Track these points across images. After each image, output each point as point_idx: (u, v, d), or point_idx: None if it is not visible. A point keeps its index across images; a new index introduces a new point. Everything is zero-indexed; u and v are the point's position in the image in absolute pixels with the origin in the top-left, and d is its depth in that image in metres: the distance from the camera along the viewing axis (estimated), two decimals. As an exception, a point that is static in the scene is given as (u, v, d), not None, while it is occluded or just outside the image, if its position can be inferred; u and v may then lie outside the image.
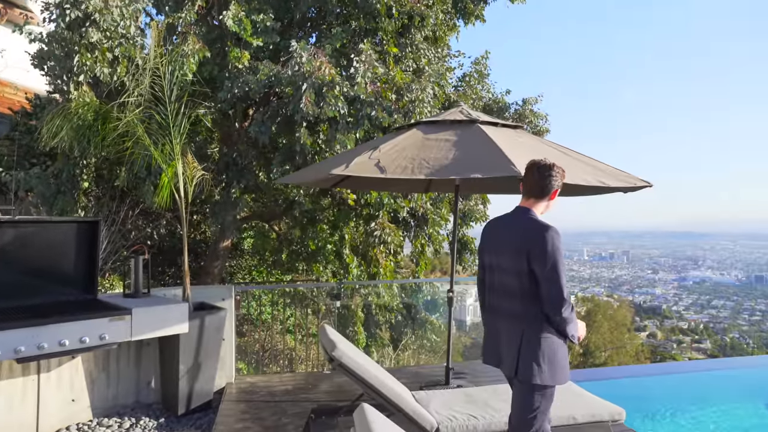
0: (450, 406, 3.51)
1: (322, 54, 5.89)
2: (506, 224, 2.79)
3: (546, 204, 2.73)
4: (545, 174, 2.70)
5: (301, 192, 6.89)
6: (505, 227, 2.79)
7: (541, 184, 2.69)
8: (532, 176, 2.74)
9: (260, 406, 4.55)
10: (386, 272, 7.23)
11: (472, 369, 5.84)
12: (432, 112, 6.41)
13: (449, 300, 4.78)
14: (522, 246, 2.59)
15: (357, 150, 4.13)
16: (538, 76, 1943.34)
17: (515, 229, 2.70)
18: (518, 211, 2.75)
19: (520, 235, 2.65)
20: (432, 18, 7.03)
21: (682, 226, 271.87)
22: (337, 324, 8.58)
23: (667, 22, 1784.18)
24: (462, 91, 8.95)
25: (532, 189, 2.72)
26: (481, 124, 4.09)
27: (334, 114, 5.79)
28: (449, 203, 8.01)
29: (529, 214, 2.69)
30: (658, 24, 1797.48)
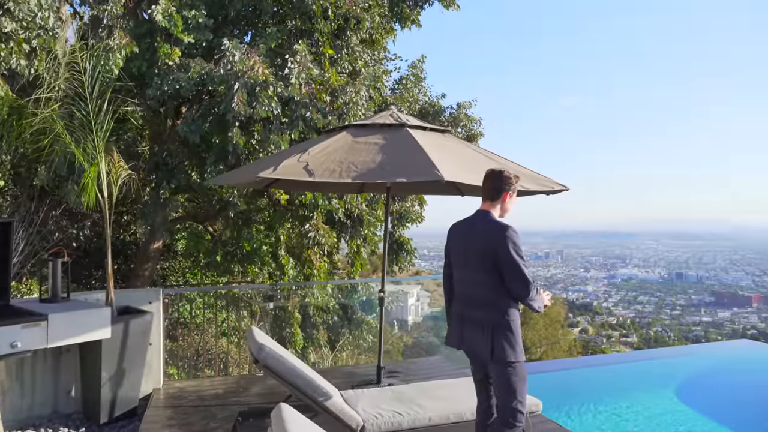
0: (377, 404, 3.58)
1: (255, 53, 5.83)
2: (469, 225, 3.11)
3: (500, 206, 3.07)
4: (497, 180, 3.06)
5: (235, 193, 6.78)
6: (469, 228, 3.10)
7: (493, 189, 3.05)
8: (487, 182, 3.09)
9: (188, 411, 4.46)
10: (320, 273, 7.24)
11: (406, 368, 5.96)
12: (367, 115, 6.48)
13: (380, 300, 4.86)
14: (486, 245, 2.94)
15: (287, 152, 4.13)
16: (474, 81, 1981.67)
17: (478, 230, 3.05)
18: (478, 214, 3.10)
19: (482, 234, 3.00)
20: (368, 21, 7.10)
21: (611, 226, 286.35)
22: (273, 326, 8.50)
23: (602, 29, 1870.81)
24: (399, 94, 9.08)
25: (487, 193, 3.08)
26: (410, 128, 4.19)
27: (267, 114, 5.74)
28: (384, 204, 8.13)
29: (488, 216, 3.04)
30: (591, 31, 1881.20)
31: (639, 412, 5.62)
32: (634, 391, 6.29)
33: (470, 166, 3.88)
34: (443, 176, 3.32)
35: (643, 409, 5.71)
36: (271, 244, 8.09)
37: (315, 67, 6.31)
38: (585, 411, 5.63)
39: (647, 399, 5.99)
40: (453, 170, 3.61)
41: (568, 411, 5.56)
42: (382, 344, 4.96)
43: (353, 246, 8.02)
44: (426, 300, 24.22)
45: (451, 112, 9.47)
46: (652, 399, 5.97)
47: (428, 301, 24.18)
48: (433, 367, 5.98)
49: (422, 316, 17.83)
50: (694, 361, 7.50)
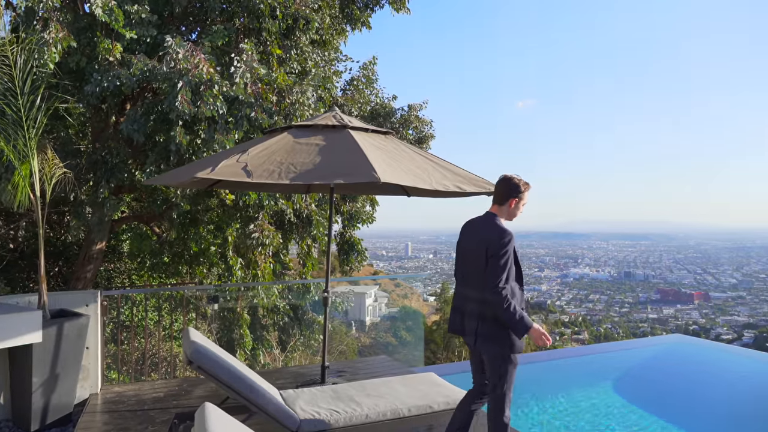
0: (316, 402, 3.61)
1: (199, 51, 5.74)
2: (476, 224, 3.35)
3: (507, 210, 3.26)
4: (505, 186, 3.27)
5: (178, 193, 6.66)
6: (475, 226, 3.35)
7: (501, 193, 3.27)
8: (497, 187, 3.31)
9: (126, 416, 4.36)
10: (265, 274, 7.18)
11: (352, 367, 6.01)
12: (315, 116, 6.48)
13: (324, 300, 4.89)
14: (482, 243, 3.17)
15: (226, 152, 4.11)
16: (427, 83, 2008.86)
17: (481, 229, 3.27)
18: (487, 215, 3.32)
19: (482, 234, 3.23)
20: (317, 22, 7.10)
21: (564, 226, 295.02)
22: (221, 327, 8.38)
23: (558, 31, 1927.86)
24: (350, 95, 9.11)
25: (496, 197, 3.30)
26: (352, 129, 4.24)
27: (212, 113, 5.67)
28: (335, 205, 8.13)
29: (493, 218, 3.25)
30: (547, 34, 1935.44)
31: (578, 404, 5.84)
32: (575, 385, 6.52)
33: (409, 167, 3.96)
34: (380, 178, 3.38)
35: (582, 401, 5.94)
36: (220, 244, 7.98)
37: (262, 67, 6.26)
38: (528, 405, 5.81)
39: (587, 392, 6.23)
40: (391, 172, 3.67)
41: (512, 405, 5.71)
42: (326, 344, 4.98)
43: (304, 246, 8.00)
44: (384, 300, 24.29)
45: (402, 113, 9.57)
46: (592, 392, 6.21)
47: (386, 301, 24.26)
48: (380, 365, 6.04)
49: (380, 317, 17.90)
50: (630, 355, 7.85)
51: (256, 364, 8.34)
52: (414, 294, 20.40)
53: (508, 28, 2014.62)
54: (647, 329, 72.85)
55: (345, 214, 8.95)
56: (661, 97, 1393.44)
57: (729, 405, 5.96)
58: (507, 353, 3.14)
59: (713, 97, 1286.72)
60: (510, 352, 3.14)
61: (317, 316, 8.52)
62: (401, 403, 3.66)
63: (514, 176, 3.28)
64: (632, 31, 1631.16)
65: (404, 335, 9.08)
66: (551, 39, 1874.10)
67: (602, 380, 6.75)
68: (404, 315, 10.70)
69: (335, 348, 11.50)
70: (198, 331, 3.63)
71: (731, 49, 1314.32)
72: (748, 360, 7.64)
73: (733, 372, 7.12)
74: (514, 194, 3.23)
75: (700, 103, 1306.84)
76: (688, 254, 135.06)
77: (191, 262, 8.52)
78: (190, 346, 3.18)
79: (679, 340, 8.39)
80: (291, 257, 9.34)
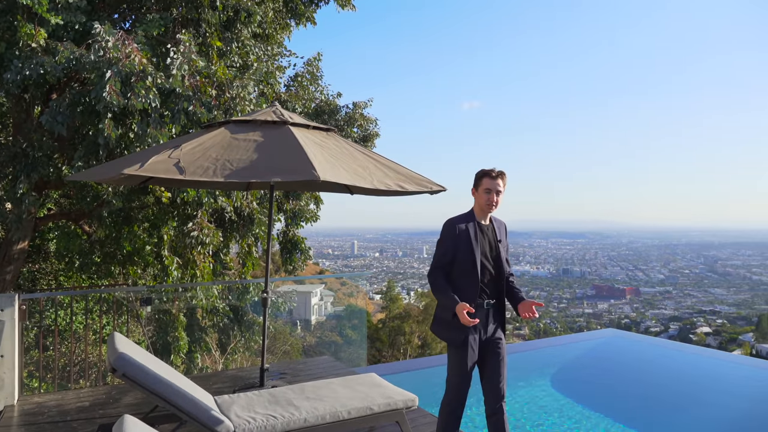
0: (252, 408, 3.48)
1: (132, 40, 5.44)
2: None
3: (475, 200, 3.34)
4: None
5: (110, 190, 6.29)
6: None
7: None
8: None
9: (45, 428, 4.07)
10: (204, 274, 6.92)
11: (294, 368, 5.89)
12: (256, 111, 6.29)
13: (263, 301, 4.75)
14: None
15: (157, 148, 3.90)
16: (372, 82, 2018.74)
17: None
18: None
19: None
20: (260, 15, 6.89)
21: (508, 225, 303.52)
22: (156, 330, 8.02)
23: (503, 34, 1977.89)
24: (294, 92, 8.93)
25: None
26: (292, 126, 4.12)
27: (144, 106, 5.38)
28: (277, 203, 7.96)
29: (471, 209, 3.38)
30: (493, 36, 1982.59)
31: (516, 400, 5.97)
32: (515, 380, 6.67)
33: (351, 166, 3.89)
34: (320, 176, 3.30)
35: (520, 397, 6.08)
36: (155, 243, 7.62)
37: (201, 59, 6.01)
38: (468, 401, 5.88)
39: (525, 388, 6.38)
40: (332, 170, 3.60)
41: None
42: (265, 346, 4.84)
43: (244, 245, 7.76)
44: (330, 299, 24.14)
45: (347, 111, 9.47)
46: (530, 387, 6.37)
47: (332, 300, 24.11)
48: (323, 366, 5.95)
49: (325, 316, 17.74)
50: (568, 350, 8.12)
51: (193, 368, 8.04)
52: (360, 292, 20.39)
53: (455, 30, 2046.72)
54: (583, 324, 76.16)
55: (288, 212, 8.76)
56: (597, 101, 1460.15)
57: (660, 396, 6.26)
58: (446, 339, 3.28)
59: (643, 100, 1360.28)
60: (445, 340, 3.28)
61: (258, 317, 8.30)
62: (341, 405, 3.59)
63: (481, 169, 3.34)
64: (571, 34, 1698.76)
65: (350, 334, 9.03)
66: (495, 42, 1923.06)
67: (542, 375, 6.94)
68: (350, 313, 10.63)
69: (279, 348, 11.28)
70: (124, 336, 3.42)
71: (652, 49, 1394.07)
72: (676, 353, 8.08)
73: (662, 365, 7.49)
74: (474, 184, 3.32)
75: (629, 106, 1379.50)
76: (621, 252, 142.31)
77: (124, 262, 8.10)
78: (114, 353, 2.98)
79: (613, 334, 8.76)
80: (232, 257, 9.07)
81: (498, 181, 3.26)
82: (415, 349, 29.05)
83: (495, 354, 3.31)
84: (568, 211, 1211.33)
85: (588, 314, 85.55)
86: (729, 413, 5.64)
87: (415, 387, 4.04)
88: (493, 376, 3.31)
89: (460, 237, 3.24)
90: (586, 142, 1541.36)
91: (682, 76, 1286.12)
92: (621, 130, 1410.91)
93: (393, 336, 27.83)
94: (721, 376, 6.97)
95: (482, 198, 3.27)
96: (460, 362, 3.25)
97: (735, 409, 5.75)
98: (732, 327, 71.03)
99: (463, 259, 3.23)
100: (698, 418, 5.60)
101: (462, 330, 3.21)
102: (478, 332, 3.26)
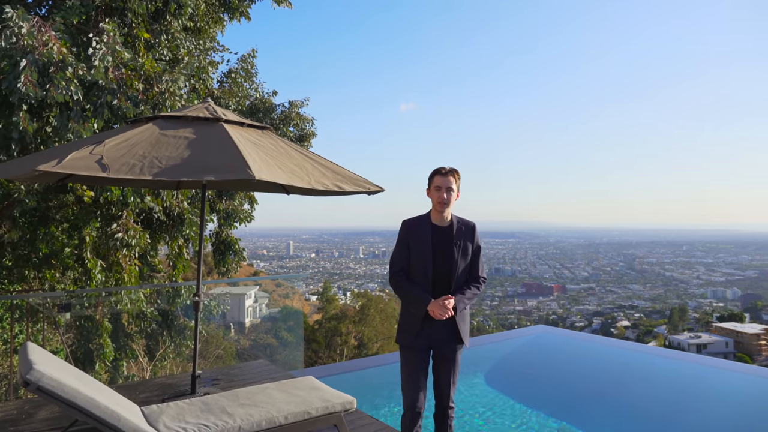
0: (183, 417, 3.32)
1: (49, 27, 5.06)
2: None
3: (431, 200, 3.30)
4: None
5: (22, 188, 5.83)
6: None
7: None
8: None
9: (-54, 449, 3.70)
10: (130, 278, 6.56)
11: (227, 374, 5.69)
12: (187, 107, 6.03)
13: (195, 305, 4.55)
14: None
15: (78, 143, 3.64)
16: (309, 81, 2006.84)
17: None
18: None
19: None
20: (191, 7, 6.62)
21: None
22: (78, 338, 7.52)
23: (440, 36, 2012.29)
24: (227, 88, 8.65)
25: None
26: (226, 123, 3.98)
27: (65, 99, 5.03)
28: (210, 202, 7.68)
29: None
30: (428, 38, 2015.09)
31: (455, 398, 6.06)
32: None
33: (287, 165, 3.80)
34: (255, 175, 3.19)
35: (457, 395, 6.18)
36: (76, 245, 7.14)
37: (126, 51, 5.69)
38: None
39: (460, 385, 6.49)
40: (267, 169, 3.49)
41: (390, 405, 5.78)
42: (197, 352, 4.64)
43: (174, 247, 7.43)
44: (265, 301, 23.63)
45: (282, 110, 9.29)
46: (464, 384, 6.49)
47: (267, 301, 23.63)
48: (258, 370, 5.79)
49: (260, 318, 17.33)
50: (501, 347, 8.36)
51: (118, 377, 7.61)
52: (296, 293, 20.11)
53: (392, 32, 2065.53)
54: (514, 320, 79.07)
55: (221, 212, 8.48)
56: (534, 104, 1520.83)
57: (588, 387, 6.56)
58: (398, 341, 3.29)
59: (579, 100, 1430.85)
60: (397, 340, 3.29)
61: (189, 321, 7.97)
62: (277, 411, 3.49)
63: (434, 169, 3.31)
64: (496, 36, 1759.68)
65: (285, 335, 8.86)
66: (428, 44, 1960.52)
67: (476, 372, 7.10)
68: (285, 315, 10.45)
69: (211, 353, 10.88)
70: (38, 346, 3.16)
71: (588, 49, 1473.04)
72: (602, 346, 8.52)
73: (588, 358, 7.88)
74: (427, 184, 3.28)
75: (568, 109, 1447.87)
76: (549, 251, 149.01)
77: (40, 266, 7.53)
78: (26, 365, 2.74)
79: (544, 330, 9.12)
80: (160, 258, 8.66)
81: (449, 177, 3.19)
82: (351, 350, 29.03)
83: (444, 361, 3.27)
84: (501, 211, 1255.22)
85: (519, 311, 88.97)
86: (648, 402, 6.00)
87: (353, 389, 4.02)
88: (439, 382, 3.31)
89: (413, 239, 3.20)
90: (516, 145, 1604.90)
91: (583, 77, 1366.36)
92: (535, 129, 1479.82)
93: (329, 337, 27.68)
94: (641, 367, 7.42)
95: (434, 196, 3.21)
96: (407, 366, 3.23)
97: (653, 399, 6.13)
98: (648, 320, 76.27)
99: (415, 261, 3.19)
100: (622, 406, 5.93)
101: (411, 333, 3.19)
102: (426, 337, 3.21)
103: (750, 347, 54.90)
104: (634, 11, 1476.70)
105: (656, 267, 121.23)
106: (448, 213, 3.26)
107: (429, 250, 3.16)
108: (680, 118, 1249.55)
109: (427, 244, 3.17)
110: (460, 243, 3.21)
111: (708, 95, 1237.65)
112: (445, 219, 3.24)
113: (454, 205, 3.30)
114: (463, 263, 3.22)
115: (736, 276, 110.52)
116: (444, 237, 3.21)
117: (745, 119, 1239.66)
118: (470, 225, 3.32)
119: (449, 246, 3.19)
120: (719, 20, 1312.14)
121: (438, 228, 3.23)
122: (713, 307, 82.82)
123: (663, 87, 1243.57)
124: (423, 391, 3.25)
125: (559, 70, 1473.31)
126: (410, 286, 3.17)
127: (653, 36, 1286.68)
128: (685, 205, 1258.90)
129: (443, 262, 3.17)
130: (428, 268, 3.16)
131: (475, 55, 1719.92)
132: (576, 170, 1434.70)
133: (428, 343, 3.23)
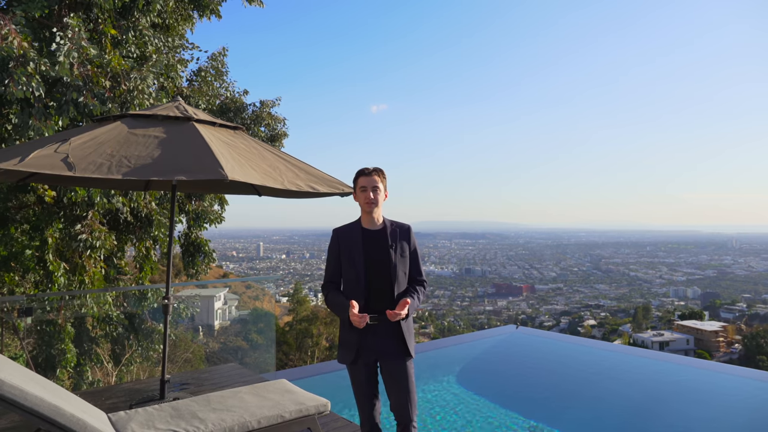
0: (152, 424, 3.24)
1: (9, 21, 4.88)
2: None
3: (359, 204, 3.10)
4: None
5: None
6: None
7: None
8: None
9: None
10: (95, 280, 6.37)
11: (198, 377, 5.58)
12: (155, 105, 5.90)
13: (164, 308, 4.45)
14: None
15: (42, 141, 3.52)
16: (280, 81, 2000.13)
17: None
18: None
19: None
20: (160, 4, 6.47)
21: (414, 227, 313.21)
22: (38, 343, 7.25)
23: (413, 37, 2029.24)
24: (197, 87, 8.48)
25: None
26: (197, 122, 3.90)
27: (26, 95, 4.85)
28: (179, 203, 7.52)
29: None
30: (400, 40, 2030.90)
31: (423, 397, 6.08)
32: (421, 379, 6.80)
33: (260, 166, 3.75)
34: (228, 175, 3.14)
35: (427, 394, 6.21)
36: (37, 247, 6.89)
37: (92, 47, 5.52)
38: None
39: (432, 385, 6.53)
40: (240, 169, 3.44)
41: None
42: (166, 355, 4.54)
43: (142, 249, 7.24)
44: (234, 303, 23.30)
45: (254, 109, 9.17)
46: (436, 385, 6.52)
47: (236, 303, 23.31)
48: (229, 374, 5.70)
49: (230, 320, 17.08)
50: (472, 347, 8.43)
51: (83, 383, 7.37)
52: (266, 295, 19.92)
53: (363, 34, 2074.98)
54: (484, 320, 80.00)
55: (190, 213, 8.31)
56: (499, 108, 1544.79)
57: (559, 387, 6.68)
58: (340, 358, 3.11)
59: (541, 101, 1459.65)
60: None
61: (157, 325, 7.77)
62: (250, 415, 3.44)
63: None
64: (480, 39, 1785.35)
65: (256, 338, 8.74)
66: (402, 46, 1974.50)
67: (448, 373, 7.14)
68: (256, 317, 10.30)
69: (179, 357, 10.65)
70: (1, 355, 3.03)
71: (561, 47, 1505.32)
72: (571, 345, 8.68)
73: (558, 356, 8.01)
74: (353, 188, 3.09)
75: (533, 110, 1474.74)
76: (518, 251, 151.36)
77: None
78: (-13, 372, 2.63)
79: (514, 330, 9.24)
80: (127, 261, 8.43)
81: (373, 177, 3.00)
82: (323, 351, 28.87)
83: (395, 381, 2.99)
84: (471, 212, 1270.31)
85: (489, 311, 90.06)
86: (616, 398, 6.14)
87: (326, 391, 3.98)
88: (393, 399, 3.04)
89: (344, 246, 3.00)
90: (489, 147, 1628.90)
91: (546, 79, 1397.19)
92: (500, 132, 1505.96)
93: (300, 339, 27.46)
94: (609, 365, 7.59)
95: (361, 198, 3.02)
96: (355, 382, 3.08)
97: (621, 396, 6.27)
98: (613, 319, 78.21)
99: (347, 268, 2.99)
100: (592, 402, 6.05)
101: (351, 347, 2.99)
102: (371, 352, 2.99)
103: (709, 344, 56.93)
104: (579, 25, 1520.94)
105: (621, 267, 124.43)
106: (379, 215, 3.06)
107: (361, 257, 2.96)
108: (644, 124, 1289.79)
109: (358, 249, 2.97)
110: (396, 246, 3.02)
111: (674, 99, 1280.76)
112: (376, 222, 3.05)
113: (387, 206, 3.14)
114: (402, 267, 3.02)
115: (696, 275, 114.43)
116: (377, 241, 3.01)
117: (713, 125, 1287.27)
118: (405, 227, 3.12)
119: (384, 250, 2.99)
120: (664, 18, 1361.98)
121: (370, 232, 3.03)
122: (675, 306, 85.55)
123: (624, 91, 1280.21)
124: (377, 400, 3.10)
125: (525, 72, 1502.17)
126: (335, 294, 3.00)
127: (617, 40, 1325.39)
128: (649, 206, 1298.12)
129: (379, 267, 2.97)
130: (361, 275, 2.95)
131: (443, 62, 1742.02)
132: (541, 172, 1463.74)
133: (374, 357, 3.02)
